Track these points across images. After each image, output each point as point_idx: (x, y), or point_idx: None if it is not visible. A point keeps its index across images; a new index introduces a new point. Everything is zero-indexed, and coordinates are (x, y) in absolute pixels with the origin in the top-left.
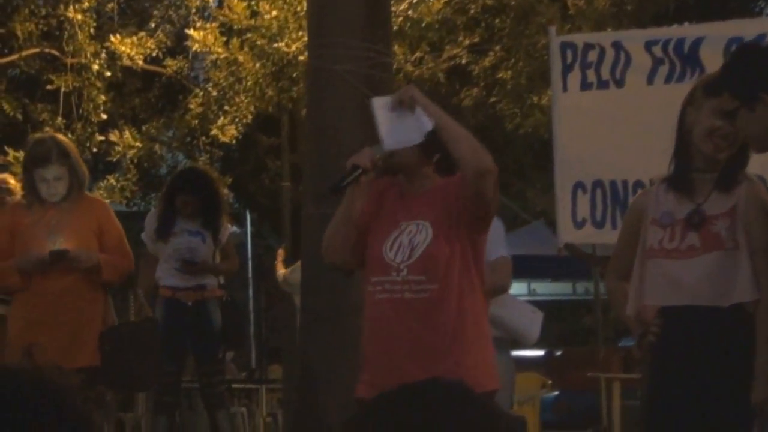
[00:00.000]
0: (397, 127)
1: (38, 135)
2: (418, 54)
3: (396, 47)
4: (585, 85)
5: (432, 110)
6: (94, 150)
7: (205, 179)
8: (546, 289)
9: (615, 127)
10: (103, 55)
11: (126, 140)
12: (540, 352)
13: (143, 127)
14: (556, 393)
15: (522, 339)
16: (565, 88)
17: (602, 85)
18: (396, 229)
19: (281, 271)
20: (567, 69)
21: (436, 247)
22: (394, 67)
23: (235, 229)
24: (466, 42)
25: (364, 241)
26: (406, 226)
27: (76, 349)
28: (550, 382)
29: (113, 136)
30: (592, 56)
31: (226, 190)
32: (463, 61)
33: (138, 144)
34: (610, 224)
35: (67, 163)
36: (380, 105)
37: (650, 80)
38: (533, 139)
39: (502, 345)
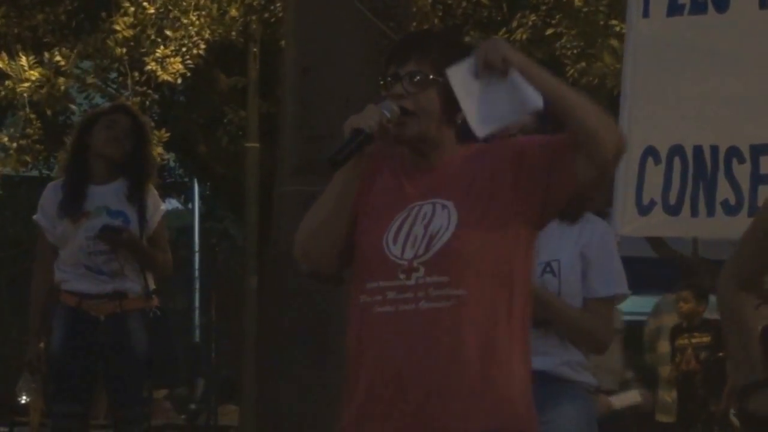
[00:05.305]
0: (489, 100)
1: None
2: None
3: None
4: (674, 8)
5: (535, 74)
6: None
7: (136, 116)
8: (624, 306)
9: (711, 67)
10: None
11: (18, 68)
12: None
13: (45, 54)
14: None
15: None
16: (646, 12)
17: (698, 8)
18: (402, 212)
19: None
20: None
21: (465, 236)
22: None
23: (177, 206)
24: None
25: (351, 233)
26: (418, 209)
27: None
28: None
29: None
30: None
31: (160, 149)
32: None
33: (34, 74)
34: (688, 209)
35: None
36: (460, 75)
37: (764, 2)
38: (599, 94)
39: (577, 391)
